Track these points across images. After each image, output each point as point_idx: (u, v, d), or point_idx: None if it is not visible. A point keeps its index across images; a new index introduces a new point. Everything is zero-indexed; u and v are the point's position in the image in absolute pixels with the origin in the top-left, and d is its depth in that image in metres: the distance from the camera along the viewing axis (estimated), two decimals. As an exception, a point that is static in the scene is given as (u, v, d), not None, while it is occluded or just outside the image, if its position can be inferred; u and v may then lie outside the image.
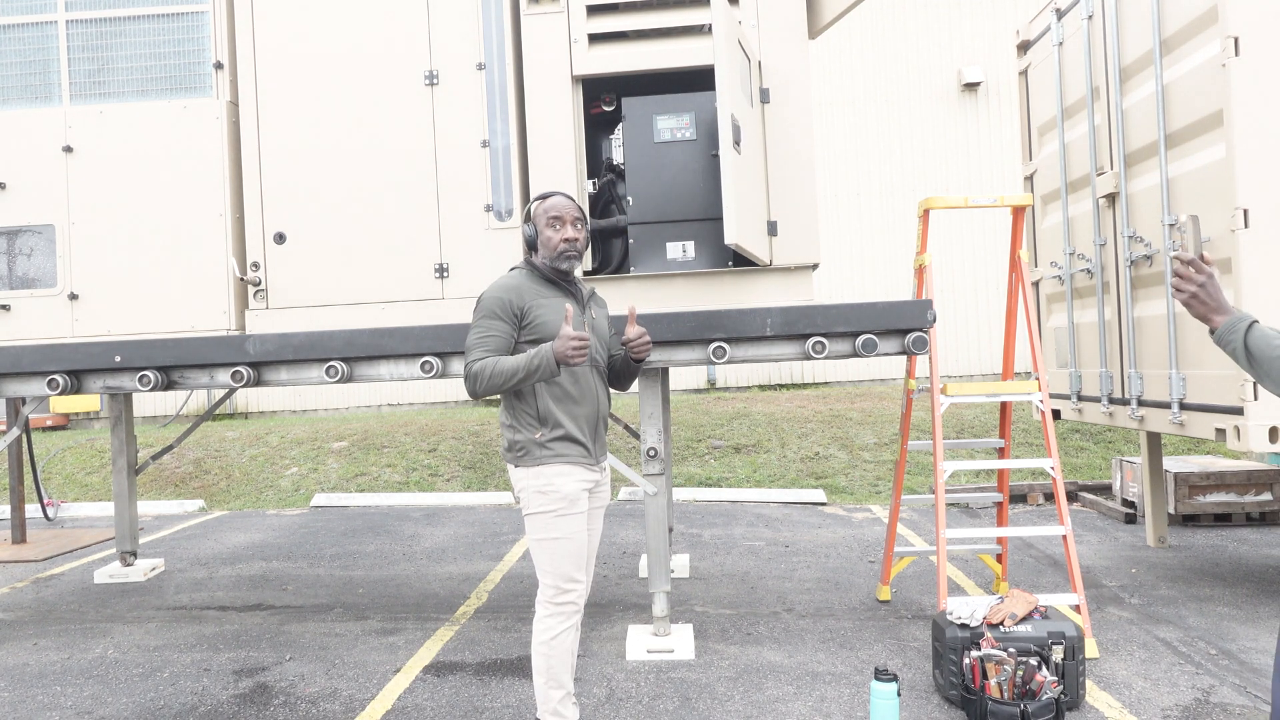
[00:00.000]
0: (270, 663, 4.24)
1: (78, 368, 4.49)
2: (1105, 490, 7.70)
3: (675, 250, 4.59)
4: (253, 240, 4.75)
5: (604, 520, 3.73)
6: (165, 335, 4.72)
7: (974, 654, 3.37)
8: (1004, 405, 4.83)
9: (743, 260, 4.53)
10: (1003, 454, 4.80)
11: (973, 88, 12.91)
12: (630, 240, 4.61)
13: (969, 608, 3.59)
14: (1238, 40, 4.04)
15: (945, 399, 4.32)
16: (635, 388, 8.78)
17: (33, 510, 8.02)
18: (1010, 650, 3.38)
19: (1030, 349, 4.49)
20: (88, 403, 12.99)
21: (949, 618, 3.57)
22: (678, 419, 10.26)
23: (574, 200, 3.11)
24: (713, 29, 3.89)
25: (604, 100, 4.89)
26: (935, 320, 4.17)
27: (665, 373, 5.03)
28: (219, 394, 10.72)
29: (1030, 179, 6.39)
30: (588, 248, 3.63)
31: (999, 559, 4.85)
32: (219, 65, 4.76)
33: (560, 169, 4.57)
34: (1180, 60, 4.48)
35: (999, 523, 4.95)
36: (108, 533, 7.55)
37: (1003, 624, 3.50)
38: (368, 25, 4.68)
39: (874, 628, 4.48)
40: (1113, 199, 5.15)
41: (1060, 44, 5.74)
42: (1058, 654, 3.41)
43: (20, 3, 4.81)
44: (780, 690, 3.72)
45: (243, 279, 4.75)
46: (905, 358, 4.53)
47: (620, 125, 4.87)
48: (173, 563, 6.40)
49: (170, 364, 4.46)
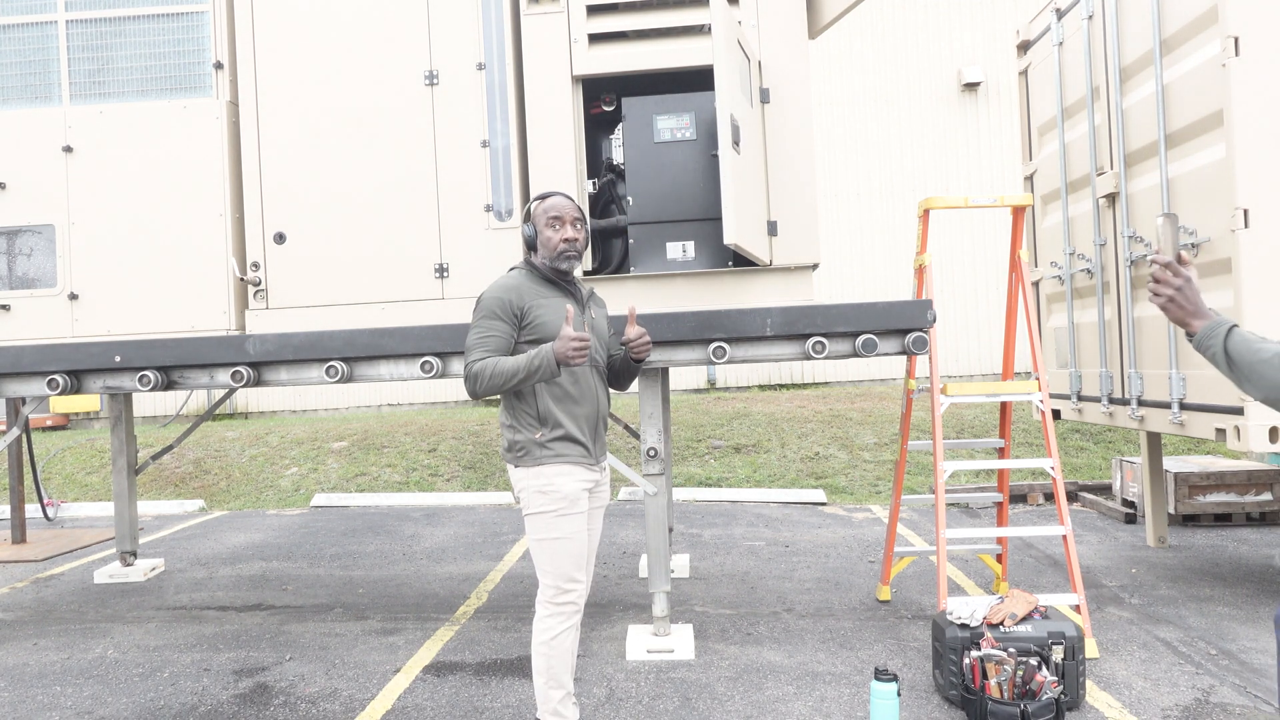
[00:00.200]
0: (270, 663, 4.24)
1: (78, 368, 4.49)
2: (1105, 490, 7.70)
3: (675, 250, 4.59)
4: (253, 240, 4.75)
5: (604, 520, 3.73)
6: (165, 335, 4.72)
7: (974, 654, 3.37)
8: (1004, 405, 4.83)
9: (743, 260, 4.53)
10: (1003, 454, 4.80)
11: (973, 88, 12.91)
12: (630, 240, 4.61)
13: (969, 608, 3.59)
14: (1238, 40, 4.04)
15: (945, 399, 4.32)
16: (635, 387, 8.78)
17: (33, 510, 8.02)
18: (1010, 650, 3.38)
19: (1030, 349, 4.49)
20: (88, 403, 12.99)
21: (949, 618, 3.57)
22: (678, 419, 10.26)
23: (573, 200, 3.11)
24: (712, 29, 3.89)
25: (604, 100, 4.88)
26: (935, 320, 4.17)
27: (665, 373, 5.03)
28: (219, 394, 10.72)
29: (1030, 179, 6.39)
30: (587, 248, 3.62)
31: (999, 559, 4.85)
32: (219, 65, 4.76)
33: (560, 169, 4.57)
34: (1180, 60, 4.48)
35: (999, 523, 4.95)
36: (108, 533, 7.55)
37: (1003, 624, 3.50)
38: (368, 25, 4.68)
39: (874, 628, 4.48)
40: (1113, 199, 5.15)
41: (1060, 44, 5.74)
42: (1058, 654, 3.41)
43: (20, 3, 4.81)
44: (780, 690, 3.72)
45: (243, 279, 4.75)
46: (905, 358, 4.53)
47: (620, 125, 4.87)
48: (173, 563, 6.40)
49: (170, 364, 4.46)
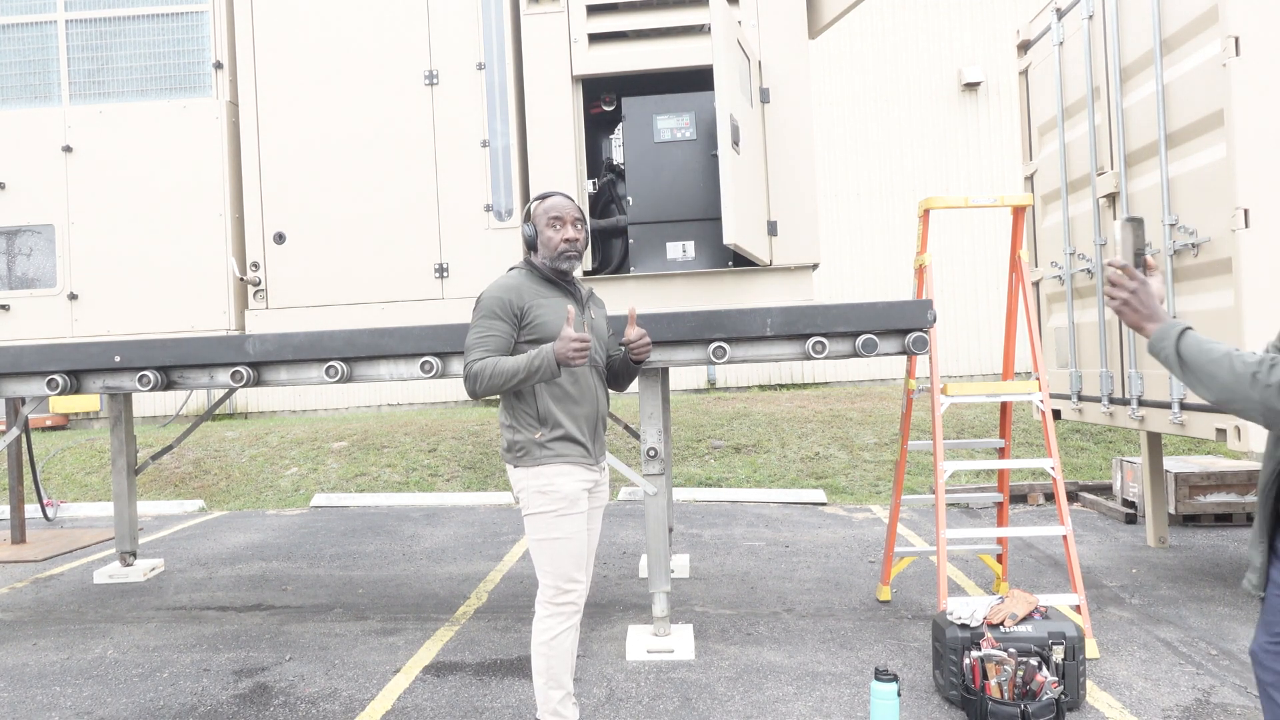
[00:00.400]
0: (270, 663, 4.24)
1: (77, 368, 4.49)
2: (1105, 490, 7.70)
3: (675, 250, 4.59)
4: (253, 240, 4.75)
5: (604, 520, 3.73)
6: (165, 335, 4.72)
7: (974, 654, 3.37)
8: (1004, 405, 4.83)
9: (743, 260, 4.53)
10: (1003, 454, 4.80)
11: (973, 88, 12.91)
12: (630, 240, 4.61)
13: (969, 608, 3.59)
14: (1238, 40, 4.04)
15: (945, 399, 4.32)
16: (635, 387, 8.79)
17: (32, 510, 8.02)
18: (1010, 650, 3.38)
19: (1030, 349, 4.49)
20: (87, 403, 12.99)
21: (949, 618, 3.57)
22: (678, 419, 10.26)
23: (573, 200, 3.11)
24: (712, 29, 3.88)
25: (604, 100, 4.88)
26: (935, 320, 4.17)
27: (665, 373, 5.03)
28: (219, 394, 10.72)
29: (1030, 179, 6.39)
30: (587, 248, 3.62)
31: (999, 559, 4.85)
32: (219, 65, 4.75)
33: (560, 169, 4.57)
34: (1180, 60, 4.47)
35: (999, 523, 4.95)
36: (107, 533, 7.55)
37: (1003, 624, 3.50)
38: (368, 25, 4.68)
39: (874, 628, 4.48)
40: (1113, 199, 5.14)
41: (1060, 44, 5.74)
42: (1058, 654, 3.41)
43: (20, 3, 4.81)
44: (780, 690, 3.71)
45: (243, 279, 4.75)
46: (905, 358, 4.52)
47: (620, 125, 4.87)
48: (172, 563, 6.40)
49: (170, 364, 4.46)
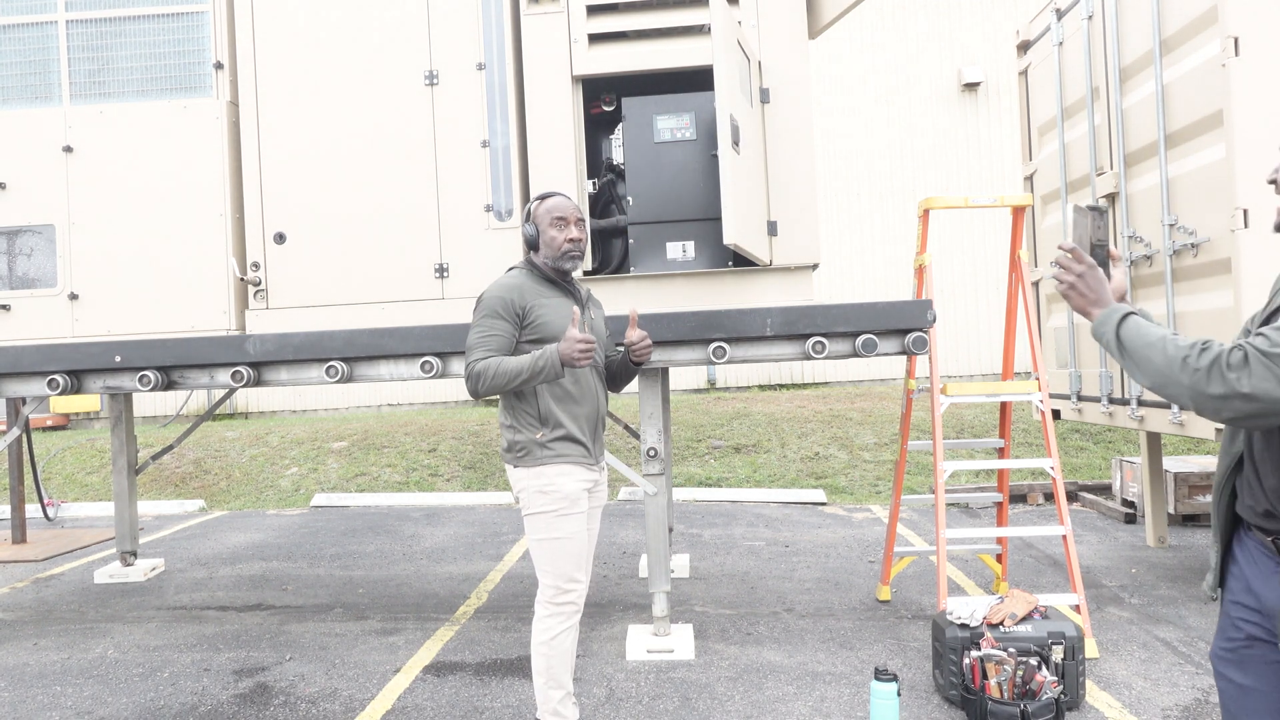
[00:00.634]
0: (270, 663, 4.24)
1: (78, 368, 4.49)
2: (1105, 490, 7.70)
3: (675, 250, 4.59)
4: (253, 240, 4.75)
5: (604, 520, 3.73)
6: (165, 335, 4.72)
7: (974, 654, 3.38)
8: (1004, 405, 4.83)
9: (743, 260, 4.53)
10: (1003, 454, 4.80)
11: (973, 88, 12.91)
12: (630, 240, 4.61)
13: (969, 608, 3.59)
14: (1238, 40, 4.04)
15: (945, 399, 4.32)
16: (634, 387, 8.78)
17: (33, 510, 8.01)
18: (1010, 650, 3.38)
19: (1030, 349, 4.49)
20: (88, 403, 12.99)
21: (949, 618, 3.57)
22: (678, 419, 10.26)
23: (574, 201, 3.12)
24: (712, 29, 3.89)
25: (604, 100, 4.88)
26: (935, 320, 4.17)
27: (665, 373, 5.03)
28: (219, 394, 10.71)
29: (1030, 179, 6.39)
30: (588, 248, 3.63)
31: (999, 559, 4.85)
32: (219, 65, 4.76)
33: (560, 169, 4.57)
34: (1180, 60, 4.48)
35: (999, 523, 4.95)
36: (108, 533, 7.55)
37: (1003, 624, 3.50)
38: (368, 25, 4.68)
39: (874, 628, 4.48)
40: (1113, 199, 5.15)
41: (1060, 44, 5.74)
42: (1058, 654, 3.41)
43: (20, 3, 4.81)
44: (780, 690, 3.72)
45: (243, 279, 4.75)
46: (905, 358, 4.53)
47: (620, 125, 4.87)
48: (173, 563, 6.40)
49: (170, 364, 4.46)
